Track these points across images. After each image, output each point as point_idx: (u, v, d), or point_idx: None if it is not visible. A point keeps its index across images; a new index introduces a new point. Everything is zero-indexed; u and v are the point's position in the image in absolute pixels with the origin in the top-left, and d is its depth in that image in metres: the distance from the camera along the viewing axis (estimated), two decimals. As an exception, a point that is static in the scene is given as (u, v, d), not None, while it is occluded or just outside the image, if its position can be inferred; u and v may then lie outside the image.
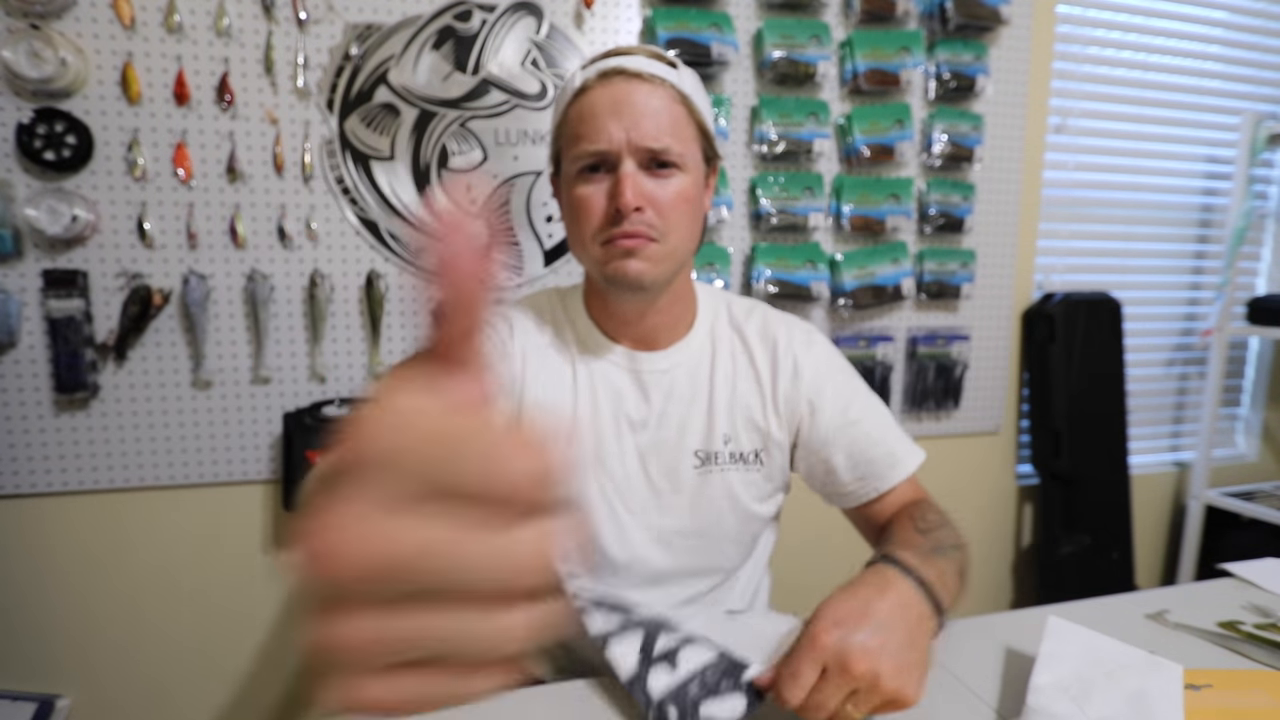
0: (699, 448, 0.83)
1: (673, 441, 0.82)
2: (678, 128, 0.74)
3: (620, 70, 0.73)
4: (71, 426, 1.29)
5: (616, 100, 0.72)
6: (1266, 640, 0.72)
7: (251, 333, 1.34)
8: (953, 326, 1.75)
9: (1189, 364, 2.08)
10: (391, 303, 1.40)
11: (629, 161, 0.72)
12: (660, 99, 0.73)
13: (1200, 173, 1.99)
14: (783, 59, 1.50)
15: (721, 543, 0.85)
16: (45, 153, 1.19)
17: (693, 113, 0.76)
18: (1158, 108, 1.92)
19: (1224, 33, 1.95)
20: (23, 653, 1.35)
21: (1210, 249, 2.03)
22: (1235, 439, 2.20)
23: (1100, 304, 1.82)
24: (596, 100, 0.73)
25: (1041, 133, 1.78)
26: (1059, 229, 1.88)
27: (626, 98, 0.72)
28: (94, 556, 1.34)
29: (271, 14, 1.28)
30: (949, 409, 1.78)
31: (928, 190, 1.66)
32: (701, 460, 0.82)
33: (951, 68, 1.61)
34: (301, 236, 1.34)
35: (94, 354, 1.27)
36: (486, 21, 1.38)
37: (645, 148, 0.72)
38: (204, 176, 1.29)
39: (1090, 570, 1.84)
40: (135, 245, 1.27)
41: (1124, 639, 0.66)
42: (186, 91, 1.25)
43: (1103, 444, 1.84)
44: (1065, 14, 1.77)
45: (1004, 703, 0.63)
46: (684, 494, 0.82)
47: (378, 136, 1.36)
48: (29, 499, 1.30)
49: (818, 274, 1.58)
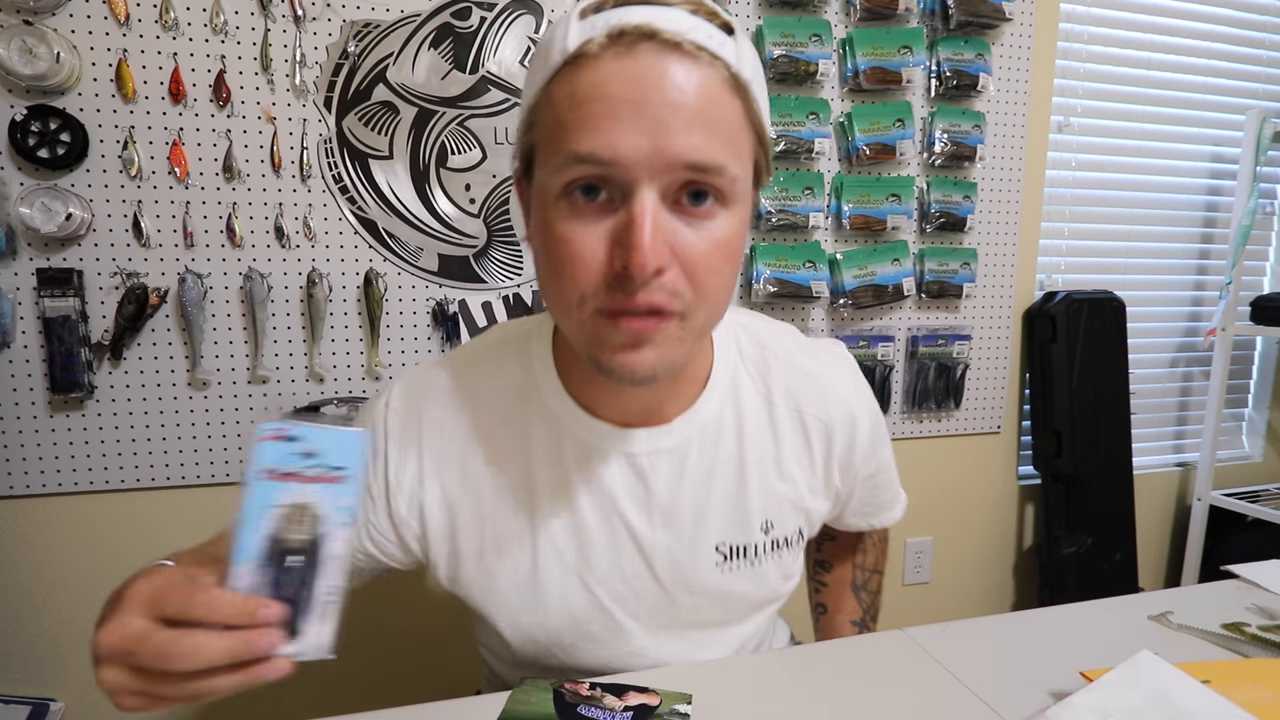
0: (722, 541, 0.66)
1: (687, 537, 0.65)
2: (731, 136, 0.49)
3: (649, 32, 0.46)
4: (66, 427, 1.28)
5: (639, 83, 0.46)
6: (1271, 642, 0.71)
7: (249, 332, 1.34)
8: (954, 326, 1.74)
9: (1193, 364, 2.07)
10: (390, 302, 1.40)
11: (649, 190, 0.47)
12: (709, 85, 0.47)
13: (1205, 171, 1.98)
14: (783, 57, 1.49)
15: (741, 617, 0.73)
16: (39, 150, 1.18)
17: (752, 111, 0.51)
18: (1162, 105, 1.90)
19: (1229, 29, 1.93)
20: (16, 656, 1.34)
21: (1215, 248, 2.02)
22: (1240, 439, 2.19)
23: (1103, 303, 1.81)
24: (605, 79, 0.46)
25: (1044, 131, 1.77)
26: (1061, 228, 1.86)
27: (657, 79, 0.46)
28: (89, 558, 1.34)
29: (268, 11, 1.27)
30: (950, 409, 1.77)
31: (929, 189, 1.65)
32: (727, 556, 0.67)
33: (953, 65, 1.60)
34: (299, 235, 1.34)
35: (89, 354, 1.26)
36: (485, 19, 1.37)
37: (683, 163, 0.46)
38: (200, 175, 1.28)
39: (1092, 571, 1.83)
40: (131, 244, 1.26)
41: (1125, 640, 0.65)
42: (182, 89, 1.24)
43: (1105, 444, 1.83)
44: (1068, 11, 1.76)
45: (1005, 704, 0.62)
46: (701, 595, 0.68)
47: (376, 135, 1.35)
48: (23, 500, 1.29)
49: (818, 274, 1.57)
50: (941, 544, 1.87)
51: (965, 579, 1.91)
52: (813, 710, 0.63)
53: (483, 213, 1.42)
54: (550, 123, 0.49)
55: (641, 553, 0.65)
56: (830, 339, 0.78)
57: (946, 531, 1.87)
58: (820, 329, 1.66)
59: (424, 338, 1.43)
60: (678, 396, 0.64)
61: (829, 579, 0.92)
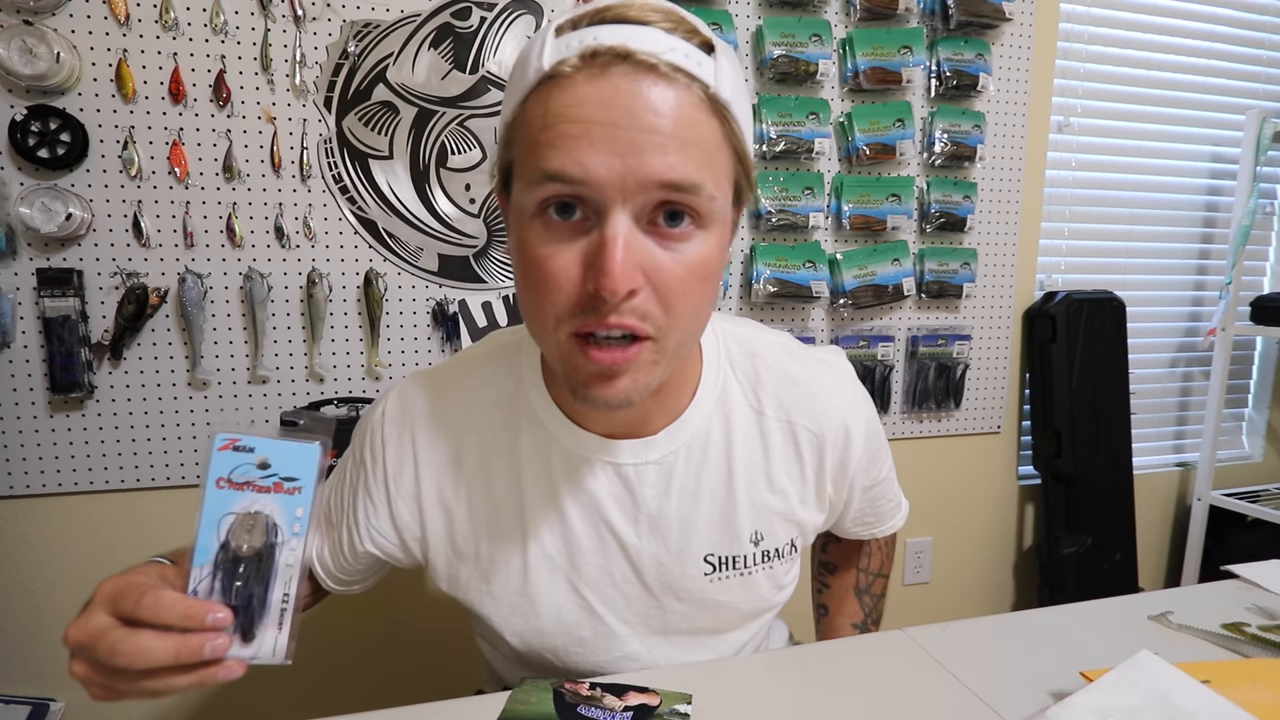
0: (711, 552, 0.66)
1: (675, 547, 0.66)
2: (708, 157, 0.48)
3: (623, 54, 0.45)
4: (67, 427, 1.28)
5: (611, 105, 0.45)
6: (1271, 642, 0.71)
7: (249, 332, 1.34)
8: (954, 326, 1.74)
9: (1193, 364, 2.07)
10: (390, 302, 1.39)
11: (622, 211, 0.46)
12: (684, 107, 0.46)
13: (1205, 171, 1.98)
14: (783, 57, 1.49)
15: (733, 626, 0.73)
16: (39, 150, 1.18)
17: (731, 130, 0.50)
18: (1161, 105, 1.90)
19: (1229, 29, 1.93)
20: (15, 656, 1.34)
21: (1215, 248, 2.02)
22: (1240, 439, 2.19)
23: (1103, 303, 1.81)
24: (578, 99, 0.46)
25: (1044, 130, 1.77)
26: (1061, 228, 1.86)
27: (629, 103, 0.45)
28: (89, 558, 1.34)
29: (268, 11, 1.27)
30: (950, 409, 1.77)
31: (928, 189, 1.65)
32: (715, 566, 0.67)
33: (953, 65, 1.60)
34: (299, 235, 1.34)
35: (89, 353, 1.26)
36: (485, 19, 1.37)
37: (656, 183, 0.46)
38: (200, 175, 1.28)
39: (1092, 571, 1.83)
40: (131, 244, 1.26)
41: (1125, 640, 0.65)
42: (182, 89, 1.24)
43: (1105, 444, 1.83)
44: (1068, 11, 1.76)
45: (1005, 704, 0.62)
46: (689, 602, 0.68)
47: (376, 135, 1.35)
48: (23, 500, 1.29)
49: (818, 274, 1.57)
50: (941, 544, 1.87)
51: (965, 579, 1.91)
52: (813, 710, 0.63)
53: (483, 213, 1.42)
54: (525, 140, 0.49)
55: (629, 560, 0.66)
56: (829, 347, 0.76)
57: (946, 531, 1.87)
58: (820, 329, 1.66)
59: (424, 338, 1.43)
60: (663, 410, 0.64)
61: (832, 581, 0.92)
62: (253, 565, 0.45)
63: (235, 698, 1.45)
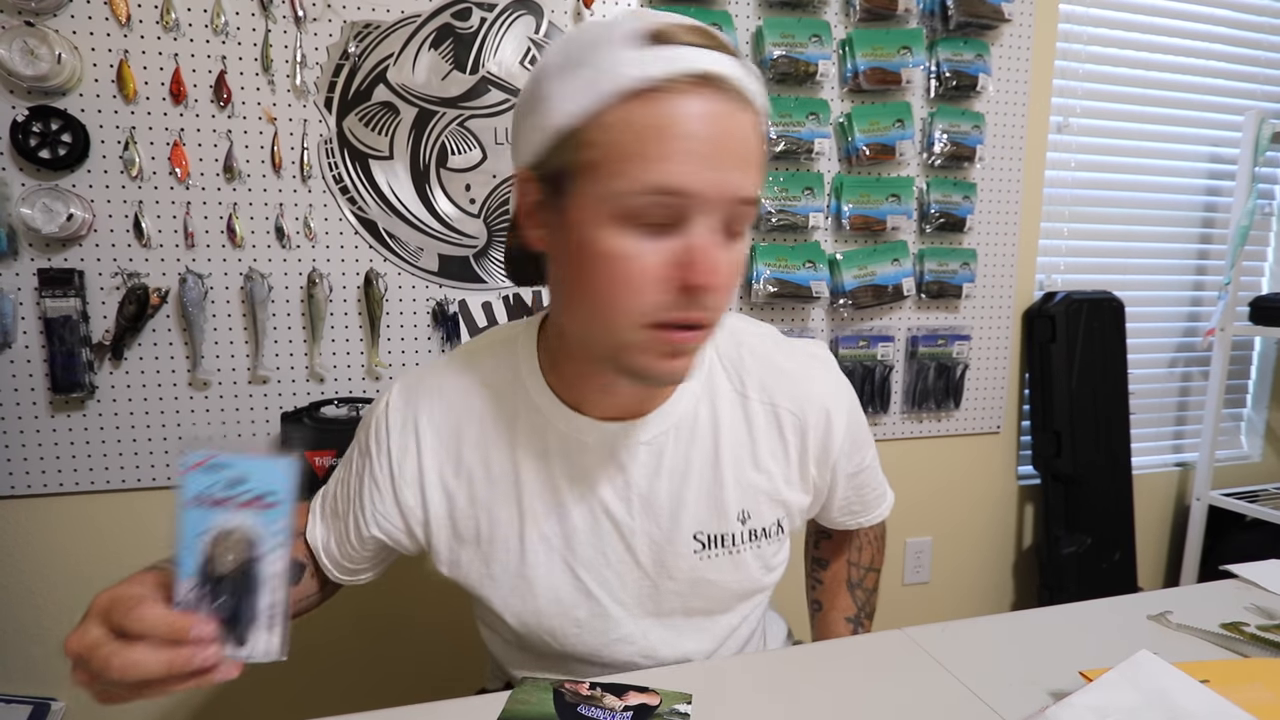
0: (700, 530, 0.69)
1: (666, 525, 0.69)
2: (760, 170, 0.55)
3: (716, 77, 0.50)
4: (68, 427, 1.29)
5: (715, 123, 0.50)
6: (1270, 642, 0.71)
7: (249, 332, 1.34)
8: (953, 326, 1.74)
9: (1192, 364, 2.07)
10: (390, 302, 1.40)
11: (709, 220, 0.52)
12: (749, 128, 0.53)
13: (1203, 171, 1.98)
14: (783, 57, 1.49)
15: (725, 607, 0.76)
16: (40, 151, 1.18)
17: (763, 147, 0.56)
18: (1160, 106, 1.91)
19: (1228, 30, 1.93)
20: (17, 655, 1.34)
21: (1214, 248, 2.02)
22: (1239, 439, 2.19)
23: (1102, 303, 1.81)
24: (686, 115, 0.49)
25: (1043, 131, 1.77)
26: (1060, 228, 1.87)
27: (727, 125, 0.50)
28: (90, 558, 1.34)
29: (269, 11, 1.27)
30: (949, 409, 1.77)
31: (928, 189, 1.65)
32: (705, 544, 0.70)
33: (952, 66, 1.60)
34: (300, 236, 1.34)
35: (90, 354, 1.27)
36: (486, 20, 1.38)
37: (738, 199, 0.52)
38: (201, 175, 1.28)
39: (1092, 571, 1.83)
40: (132, 244, 1.27)
41: (1125, 640, 0.65)
42: (183, 89, 1.24)
43: (1104, 444, 1.83)
44: (1068, 12, 1.76)
45: (1005, 704, 0.62)
46: (681, 580, 0.71)
47: (376, 135, 1.35)
48: (24, 500, 1.29)
49: (818, 274, 1.57)
50: (941, 544, 1.87)
51: (965, 579, 1.92)
52: (812, 710, 0.63)
53: (483, 213, 1.42)
54: (613, 146, 0.50)
55: (623, 539, 0.69)
56: (811, 340, 0.80)
57: (946, 531, 1.87)
58: (820, 329, 1.67)
59: (424, 338, 1.43)
60: (655, 394, 0.67)
61: (825, 576, 0.94)
62: (237, 579, 0.46)
63: (236, 696, 1.45)
